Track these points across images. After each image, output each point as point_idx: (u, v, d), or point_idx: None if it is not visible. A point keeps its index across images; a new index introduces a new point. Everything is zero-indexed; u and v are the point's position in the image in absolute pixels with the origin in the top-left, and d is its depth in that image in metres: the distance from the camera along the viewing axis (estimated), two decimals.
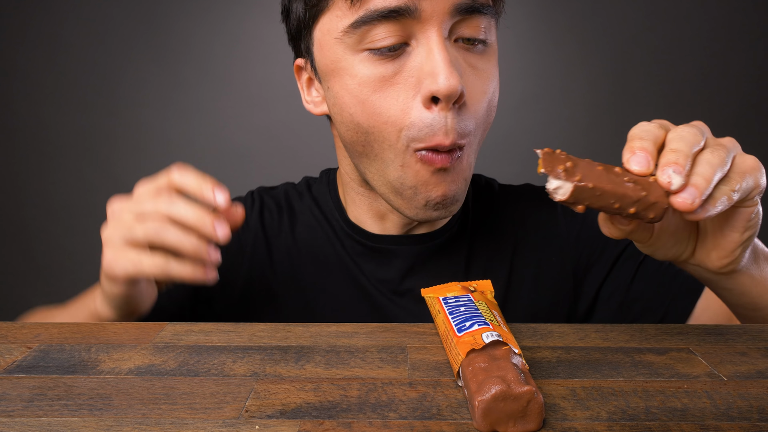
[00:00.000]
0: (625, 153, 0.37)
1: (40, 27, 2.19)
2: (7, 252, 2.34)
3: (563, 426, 0.30)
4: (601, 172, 0.35)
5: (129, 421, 0.30)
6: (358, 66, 0.48)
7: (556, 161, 0.35)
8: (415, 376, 0.35)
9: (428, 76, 0.46)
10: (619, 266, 0.62)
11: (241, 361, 0.38)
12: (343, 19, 0.48)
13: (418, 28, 0.47)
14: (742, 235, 0.40)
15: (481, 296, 0.40)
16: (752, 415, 0.31)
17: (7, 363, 0.38)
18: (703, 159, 0.36)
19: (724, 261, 0.42)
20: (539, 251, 0.63)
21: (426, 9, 0.46)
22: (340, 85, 0.50)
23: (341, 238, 0.62)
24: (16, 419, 0.31)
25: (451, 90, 0.45)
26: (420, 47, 0.47)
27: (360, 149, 0.52)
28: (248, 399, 0.33)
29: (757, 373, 0.36)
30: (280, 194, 0.67)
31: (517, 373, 0.30)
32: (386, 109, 0.48)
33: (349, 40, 0.48)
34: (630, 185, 0.35)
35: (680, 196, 0.35)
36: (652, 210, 0.35)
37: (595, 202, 0.35)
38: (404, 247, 0.60)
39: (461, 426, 0.30)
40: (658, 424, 0.30)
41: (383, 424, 0.30)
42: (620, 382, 0.35)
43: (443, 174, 0.50)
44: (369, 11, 0.46)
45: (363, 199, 0.60)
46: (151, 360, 0.38)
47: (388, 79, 0.48)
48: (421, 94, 0.47)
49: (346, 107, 0.50)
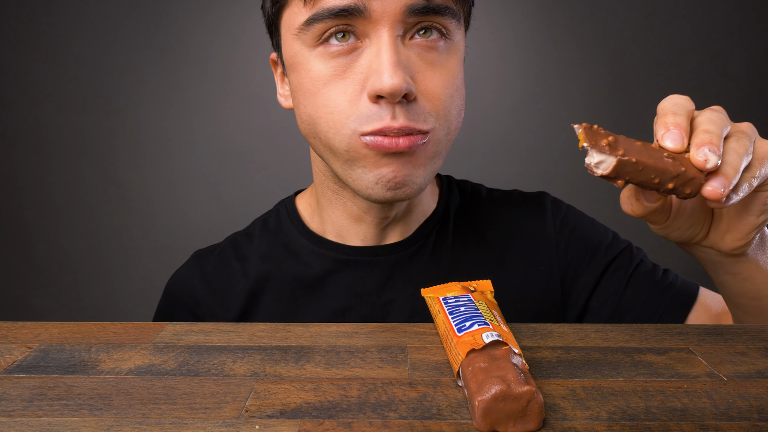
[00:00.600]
0: (658, 128, 0.37)
1: (40, 27, 2.20)
2: (7, 252, 2.34)
3: (563, 426, 0.30)
4: (640, 148, 0.35)
5: (129, 421, 0.30)
6: (312, 61, 0.49)
7: (597, 135, 0.35)
8: (415, 376, 0.35)
9: (374, 73, 0.47)
10: (608, 277, 0.61)
11: (241, 361, 0.38)
12: (299, 15, 0.49)
13: (370, 28, 0.47)
14: (757, 218, 0.41)
15: (481, 296, 0.40)
16: (752, 415, 0.31)
17: (7, 363, 0.38)
18: (730, 148, 0.36)
19: (738, 243, 0.43)
20: (526, 259, 0.61)
21: (376, 9, 0.46)
22: (297, 79, 0.51)
23: (309, 261, 0.60)
24: (16, 419, 0.31)
25: (394, 89, 0.45)
26: (371, 46, 0.48)
27: (313, 141, 0.53)
28: (248, 399, 0.33)
29: (757, 373, 0.36)
30: (226, 247, 0.64)
31: (517, 373, 0.30)
32: (333, 101, 0.49)
33: (304, 37, 0.49)
34: (669, 161, 0.35)
35: (711, 184, 0.35)
36: (689, 185, 0.35)
37: (636, 177, 0.35)
38: (380, 258, 0.59)
39: (461, 426, 0.30)
40: (658, 424, 0.30)
41: (383, 424, 0.30)
42: (620, 382, 0.35)
43: (395, 157, 0.49)
44: (321, 9, 0.47)
45: (338, 200, 0.58)
46: (151, 360, 0.38)
47: (338, 74, 0.49)
48: (367, 91, 0.48)
49: (302, 100, 0.51)
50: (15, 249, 2.34)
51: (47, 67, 2.21)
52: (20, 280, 2.35)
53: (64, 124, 2.25)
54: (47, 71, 2.22)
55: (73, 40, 2.20)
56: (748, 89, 2.20)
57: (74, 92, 2.23)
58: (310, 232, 0.61)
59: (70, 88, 2.23)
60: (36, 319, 2.33)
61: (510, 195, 0.67)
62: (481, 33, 2.12)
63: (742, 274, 0.46)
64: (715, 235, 0.44)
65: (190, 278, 0.63)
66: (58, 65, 2.21)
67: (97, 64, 2.21)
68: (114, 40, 2.20)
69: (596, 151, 0.35)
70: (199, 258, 0.64)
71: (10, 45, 2.21)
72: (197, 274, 0.63)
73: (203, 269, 0.63)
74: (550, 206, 0.65)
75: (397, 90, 0.46)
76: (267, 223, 0.65)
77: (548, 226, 0.63)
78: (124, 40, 2.20)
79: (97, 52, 2.20)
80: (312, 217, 0.62)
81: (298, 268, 0.60)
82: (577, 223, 0.64)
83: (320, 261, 0.60)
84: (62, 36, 2.20)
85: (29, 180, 2.29)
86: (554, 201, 0.66)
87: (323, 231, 0.61)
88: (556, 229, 0.63)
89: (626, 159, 0.34)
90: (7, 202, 2.31)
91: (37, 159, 2.28)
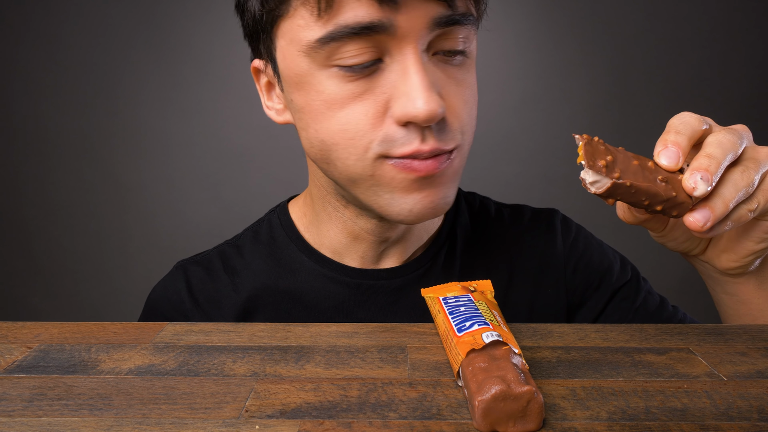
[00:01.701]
0: (658, 144, 0.36)
1: (40, 27, 2.19)
2: (7, 252, 2.34)
3: (563, 426, 0.30)
4: (637, 168, 0.35)
5: (129, 421, 0.30)
6: (325, 82, 0.44)
7: (597, 154, 0.35)
8: (415, 376, 0.35)
9: (403, 96, 0.42)
10: (614, 305, 0.60)
11: (241, 361, 0.38)
12: (307, 30, 0.43)
13: (393, 45, 0.42)
14: (756, 245, 0.41)
15: (481, 296, 0.40)
16: (752, 415, 0.31)
17: (7, 363, 0.38)
18: (730, 179, 0.35)
19: (733, 264, 0.43)
20: (534, 282, 0.59)
21: (402, 25, 0.41)
22: (305, 99, 0.45)
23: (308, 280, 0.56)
24: (16, 419, 0.31)
25: (431, 115, 0.41)
26: (395, 64, 0.43)
27: (324, 166, 0.48)
28: (248, 399, 0.33)
29: (757, 373, 0.36)
30: (213, 257, 0.60)
31: (517, 373, 0.30)
32: (354, 125, 0.44)
33: (315, 55, 0.43)
34: (662, 185, 0.35)
35: (693, 215, 0.35)
36: (677, 209, 0.36)
37: (627, 198, 0.36)
38: (384, 282, 0.56)
39: (461, 426, 0.30)
40: (658, 424, 0.30)
41: (383, 424, 0.30)
42: (620, 382, 0.35)
43: (428, 181, 0.45)
44: (339, 27, 0.41)
45: (339, 217, 0.54)
46: (151, 360, 0.38)
47: (357, 95, 0.43)
48: (396, 116, 0.43)
49: (311, 123, 0.46)
50: (15, 249, 2.34)
51: (47, 67, 2.21)
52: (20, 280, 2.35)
53: (64, 124, 2.25)
54: (47, 71, 2.22)
55: (73, 40, 2.20)
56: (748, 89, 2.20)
57: (74, 92, 2.23)
58: (310, 249, 0.57)
59: (70, 88, 2.23)
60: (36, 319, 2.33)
61: (519, 212, 0.64)
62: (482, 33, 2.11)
63: (738, 296, 0.46)
64: (712, 253, 0.44)
65: (176, 291, 0.58)
66: (58, 65, 2.21)
67: (97, 64, 2.21)
68: (114, 40, 2.20)
69: (594, 171, 0.35)
70: (184, 269, 0.59)
71: (10, 45, 2.21)
72: (182, 286, 0.58)
73: (189, 281, 0.58)
74: (560, 227, 0.62)
75: (433, 116, 0.42)
76: (258, 235, 0.60)
77: (557, 248, 0.61)
78: (124, 40, 2.20)
79: (97, 52, 2.20)
80: (308, 229, 0.58)
81: (296, 287, 0.56)
82: (586, 246, 0.62)
83: (321, 281, 0.56)
84: (62, 36, 2.19)
85: (29, 180, 2.29)
86: (564, 221, 0.64)
87: (319, 245, 0.57)
88: (565, 252, 0.61)
89: (621, 182, 0.35)
90: (7, 202, 2.31)
91: (37, 159, 2.28)
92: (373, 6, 0.40)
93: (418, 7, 0.41)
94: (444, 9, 0.42)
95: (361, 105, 0.43)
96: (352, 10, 0.41)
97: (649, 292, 0.61)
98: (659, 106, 2.20)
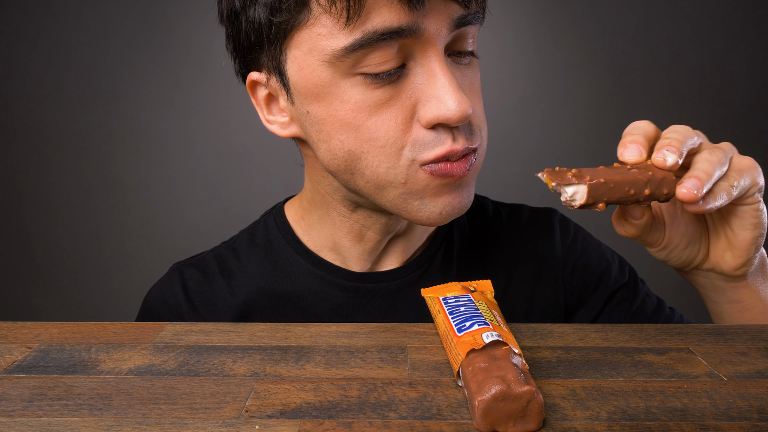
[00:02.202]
0: (618, 148, 0.40)
1: (40, 27, 2.20)
2: (7, 252, 2.34)
3: (563, 426, 0.30)
4: (605, 169, 0.38)
5: (129, 421, 0.30)
6: (350, 91, 0.43)
7: (561, 173, 0.37)
8: (415, 376, 0.35)
9: (432, 99, 0.42)
10: (612, 306, 0.60)
11: (241, 361, 0.38)
12: (330, 38, 0.41)
13: (417, 48, 0.42)
14: (752, 233, 0.42)
15: (481, 296, 0.40)
16: (752, 415, 0.31)
17: (7, 363, 0.38)
18: (701, 157, 0.39)
19: (739, 260, 0.43)
20: (532, 283, 0.59)
21: (429, 28, 0.41)
22: (327, 111, 0.44)
23: (305, 282, 0.56)
24: (16, 419, 0.31)
25: (464, 114, 0.42)
26: (419, 67, 0.43)
27: (348, 177, 0.47)
28: (248, 399, 0.33)
29: (757, 373, 0.36)
30: (208, 260, 0.59)
31: (517, 373, 0.30)
32: (384, 133, 0.43)
33: (340, 64, 0.42)
34: (634, 170, 0.38)
35: (684, 185, 0.37)
36: (664, 185, 0.38)
37: (613, 195, 0.37)
38: (382, 284, 0.56)
39: (461, 426, 0.30)
40: (658, 424, 0.30)
41: (383, 424, 0.30)
42: (620, 382, 0.35)
43: (458, 183, 0.46)
44: (368, 33, 0.40)
45: (344, 221, 0.54)
46: (151, 360, 0.38)
47: (384, 102, 0.43)
48: (426, 119, 0.43)
49: (335, 134, 0.45)
50: (15, 249, 2.34)
51: (47, 67, 2.21)
52: (20, 280, 2.35)
53: (64, 124, 2.25)
54: (47, 71, 2.22)
55: (73, 40, 2.20)
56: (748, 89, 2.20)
57: (74, 92, 2.23)
58: (307, 251, 0.57)
59: (70, 88, 2.23)
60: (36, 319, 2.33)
61: (517, 212, 0.64)
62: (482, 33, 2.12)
63: (742, 302, 0.46)
64: (715, 255, 0.44)
65: (172, 293, 0.58)
66: (58, 65, 2.21)
67: (97, 64, 2.21)
68: (114, 40, 2.20)
69: (565, 185, 0.36)
70: (180, 271, 0.59)
71: (10, 45, 2.21)
72: (178, 289, 0.57)
73: (185, 284, 0.58)
74: (558, 227, 0.62)
75: (465, 115, 0.42)
76: (254, 237, 0.60)
77: (556, 248, 0.61)
78: (124, 40, 2.20)
79: (97, 52, 2.20)
80: (306, 232, 0.57)
81: (292, 290, 0.56)
82: (584, 247, 0.62)
83: (318, 284, 0.56)
84: (62, 36, 2.20)
85: (29, 180, 2.29)
86: (562, 221, 0.63)
87: (318, 248, 0.57)
88: (563, 252, 0.61)
89: (595, 182, 0.36)
90: (7, 202, 2.31)
91: (37, 159, 2.28)
92: (403, 10, 0.40)
93: (441, 9, 0.42)
94: (462, 9, 0.43)
95: (388, 112, 0.43)
96: (380, 16, 0.40)
97: (647, 294, 0.61)
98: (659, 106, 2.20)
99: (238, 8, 0.46)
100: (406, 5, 0.40)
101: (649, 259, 2.14)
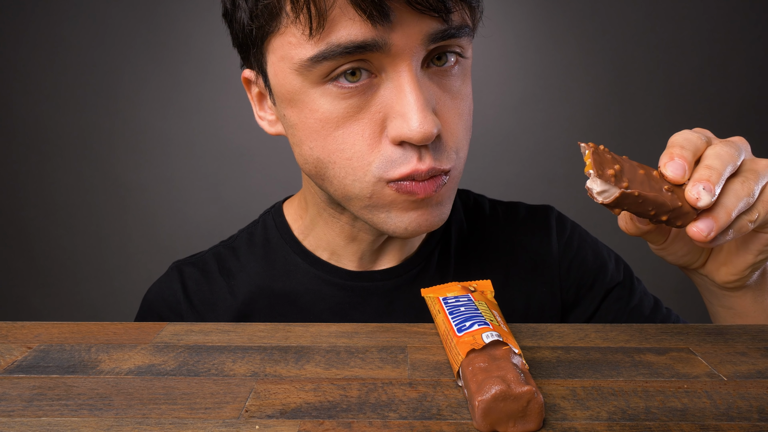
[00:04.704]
0: (663, 157, 0.36)
1: (40, 27, 2.20)
2: (7, 252, 2.34)
3: (563, 426, 0.30)
4: (643, 178, 0.35)
5: (129, 421, 0.30)
6: (319, 100, 0.43)
7: (604, 163, 0.35)
8: (415, 376, 0.35)
9: (398, 116, 0.41)
10: (608, 306, 0.60)
11: (241, 361, 0.38)
12: (298, 48, 0.41)
13: (388, 62, 0.41)
14: (755, 257, 0.41)
15: (481, 296, 0.40)
16: (752, 415, 0.31)
17: (7, 363, 0.38)
18: (731, 189, 0.35)
19: (731, 278, 0.43)
20: (529, 280, 0.59)
21: (397, 43, 0.40)
22: (298, 117, 0.45)
23: (303, 282, 0.56)
24: (16, 419, 0.31)
25: (425, 135, 0.41)
26: (389, 82, 0.42)
27: (319, 182, 0.47)
28: (248, 399, 0.33)
29: (757, 373, 0.36)
30: (207, 259, 0.60)
31: (517, 373, 0.30)
32: (350, 145, 0.43)
33: (308, 73, 0.42)
34: (668, 194, 0.35)
35: (697, 225, 0.35)
36: (681, 219, 0.36)
37: (634, 208, 0.35)
38: (379, 283, 0.56)
39: (461, 426, 0.30)
40: (658, 424, 0.30)
41: (383, 424, 0.30)
42: (620, 382, 0.35)
43: (426, 201, 0.45)
44: (332, 45, 0.40)
45: (335, 222, 0.54)
46: (151, 360, 0.38)
47: (352, 114, 0.43)
48: (390, 136, 0.42)
49: (306, 140, 0.45)
50: (15, 249, 2.34)
51: (47, 67, 2.21)
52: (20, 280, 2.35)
53: (64, 124, 2.25)
54: (47, 71, 2.22)
55: (73, 40, 2.20)
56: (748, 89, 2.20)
57: (74, 92, 2.23)
58: (305, 251, 0.57)
59: (70, 88, 2.23)
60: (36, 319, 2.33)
61: (514, 210, 0.64)
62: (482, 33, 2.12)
63: (735, 309, 0.46)
64: (711, 266, 0.44)
65: (173, 292, 0.58)
66: (58, 65, 2.21)
67: (97, 64, 2.21)
68: (114, 40, 2.20)
69: (602, 180, 0.34)
70: (180, 270, 0.59)
71: (10, 45, 2.21)
72: (178, 287, 0.58)
73: (184, 283, 0.58)
74: (554, 224, 0.62)
75: (428, 136, 0.41)
76: (253, 236, 0.60)
77: (552, 245, 0.61)
78: (124, 40, 2.20)
79: (97, 52, 2.21)
80: (303, 231, 0.58)
81: (290, 289, 0.56)
82: (581, 244, 0.62)
83: (315, 283, 0.56)
84: (62, 36, 2.20)
85: (29, 180, 2.29)
86: (559, 218, 0.63)
87: (315, 247, 0.57)
88: (560, 249, 0.61)
89: (629, 192, 0.34)
90: (7, 202, 2.31)
91: (37, 159, 2.28)
92: (367, 25, 0.39)
93: (412, 25, 0.40)
94: (439, 24, 0.41)
95: (356, 124, 0.43)
96: (345, 29, 0.40)
97: (644, 293, 0.61)
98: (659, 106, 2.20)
99: (229, 9, 0.47)
100: (369, 20, 0.39)
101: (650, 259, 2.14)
